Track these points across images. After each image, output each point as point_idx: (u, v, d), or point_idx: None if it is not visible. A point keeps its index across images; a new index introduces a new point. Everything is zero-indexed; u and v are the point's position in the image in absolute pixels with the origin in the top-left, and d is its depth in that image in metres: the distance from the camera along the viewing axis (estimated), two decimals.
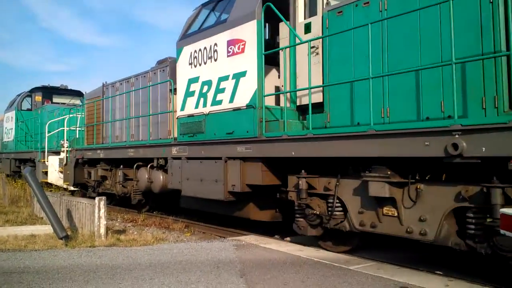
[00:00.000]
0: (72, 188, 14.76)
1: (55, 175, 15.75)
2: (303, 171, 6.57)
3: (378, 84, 5.78)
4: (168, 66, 10.62)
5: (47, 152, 16.81)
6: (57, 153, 16.81)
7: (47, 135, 16.82)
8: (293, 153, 6.55)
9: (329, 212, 6.33)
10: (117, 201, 13.43)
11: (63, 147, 15.22)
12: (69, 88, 22.56)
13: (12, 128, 22.03)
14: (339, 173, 6.23)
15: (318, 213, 6.47)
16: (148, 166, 10.41)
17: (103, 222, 7.68)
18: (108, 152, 12.02)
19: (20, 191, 15.26)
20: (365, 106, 6.05)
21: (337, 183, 6.19)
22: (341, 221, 6.26)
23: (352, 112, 6.28)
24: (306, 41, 6.77)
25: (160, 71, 10.99)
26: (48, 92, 21.94)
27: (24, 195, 14.46)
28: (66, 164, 14.66)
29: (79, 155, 13.53)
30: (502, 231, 4.18)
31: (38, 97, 21.75)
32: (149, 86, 10.87)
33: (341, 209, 6.28)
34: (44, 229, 8.52)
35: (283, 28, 7.86)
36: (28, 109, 21.68)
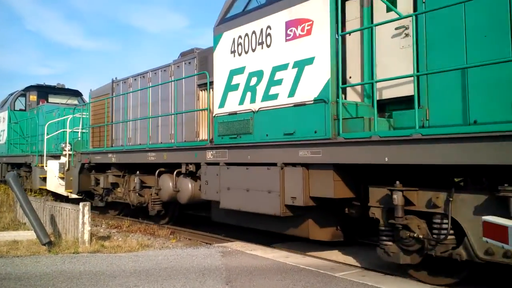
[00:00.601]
0: (74, 196, 13.15)
1: (55, 182, 14.09)
2: (397, 182, 5.16)
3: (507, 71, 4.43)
4: (196, 57, 9.20)
5: (46, 156, 15.16)
6: (56, 157, 15.19)
7: (46, 137, 15.15)
8: (386, 159, 5.14)
9: (436, 236, 4.93)
10: (128, 211, 11.88)
11: (65, 150, 13.59)
12: (66, 87, 20.94)
13: (4, 130, 20.22)
14: (453, 186, 4.82)
15: (421, 236, 5.06)
16: (174, 172, 8.91)
17: (87, 228, 7.53)
18: (122, 156, 10.47)
19: (3, 196, 14.17)
20: (486, 98, 4.71)
21: (450, 199, 4.79)
22: (453, 247, 4.86)
23: (465, 107, 4.92)
24: (411, 15, 5.34)
25: (185, 63, 9.54)
26: (44, 91, 20.22)
27: (7, 200, 13.49)
28: (68, 170, 13.10)
29: (85, 159, 11.97)
30: (484, 239, 4.10)
31: (33, 97, 20.02)
32: (175, 81, 9.41)
33: (452, 231, 4.88)
34: (27, 235, 8.30)
35: (352, 7, 6.51)
36: (21, 109, 19.98)
